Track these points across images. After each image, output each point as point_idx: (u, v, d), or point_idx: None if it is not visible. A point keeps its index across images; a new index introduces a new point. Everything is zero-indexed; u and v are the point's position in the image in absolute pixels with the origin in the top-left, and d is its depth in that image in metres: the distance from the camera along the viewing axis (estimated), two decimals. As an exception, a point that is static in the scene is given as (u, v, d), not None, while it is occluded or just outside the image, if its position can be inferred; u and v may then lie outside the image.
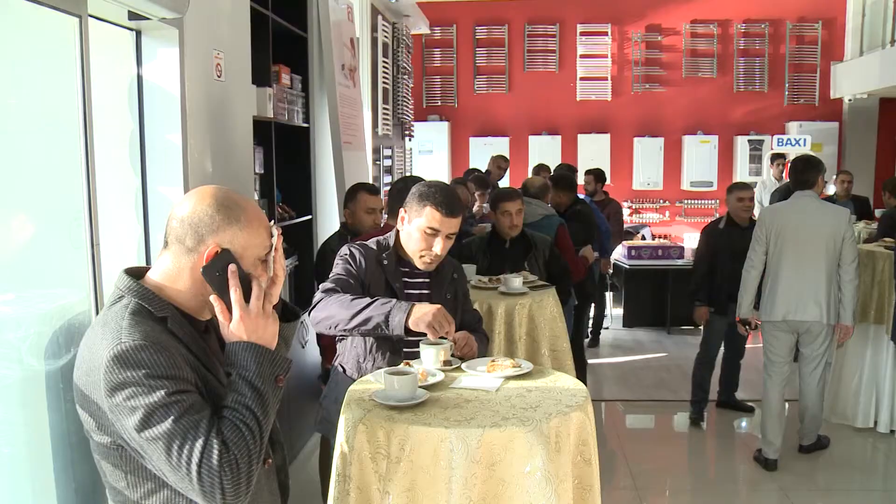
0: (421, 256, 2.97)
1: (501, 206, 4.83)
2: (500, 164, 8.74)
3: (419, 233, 2.93)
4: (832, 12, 12.96)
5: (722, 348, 6.14)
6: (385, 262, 3.01)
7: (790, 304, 4.96)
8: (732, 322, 5.59)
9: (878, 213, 8.45)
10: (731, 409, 6.37)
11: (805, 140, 11.08)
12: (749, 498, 4.97)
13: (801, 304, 4.93)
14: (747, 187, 6.04)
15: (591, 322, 8.15)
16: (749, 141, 12.75)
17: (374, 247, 3.05)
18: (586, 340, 7.73)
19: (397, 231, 3.06)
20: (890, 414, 5.72)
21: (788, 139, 11.33)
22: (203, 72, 3.48)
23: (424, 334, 2.71)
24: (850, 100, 12.93)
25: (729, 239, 5.79)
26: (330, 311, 2.83)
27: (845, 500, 4.89)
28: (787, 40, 12.97)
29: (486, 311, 3.93)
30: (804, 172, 5.12)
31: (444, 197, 2.91)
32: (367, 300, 2.80)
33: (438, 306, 2.73)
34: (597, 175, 8.35)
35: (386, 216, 4.34)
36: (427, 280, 3.07)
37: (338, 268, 3.02)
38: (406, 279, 3.04)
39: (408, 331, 2.72)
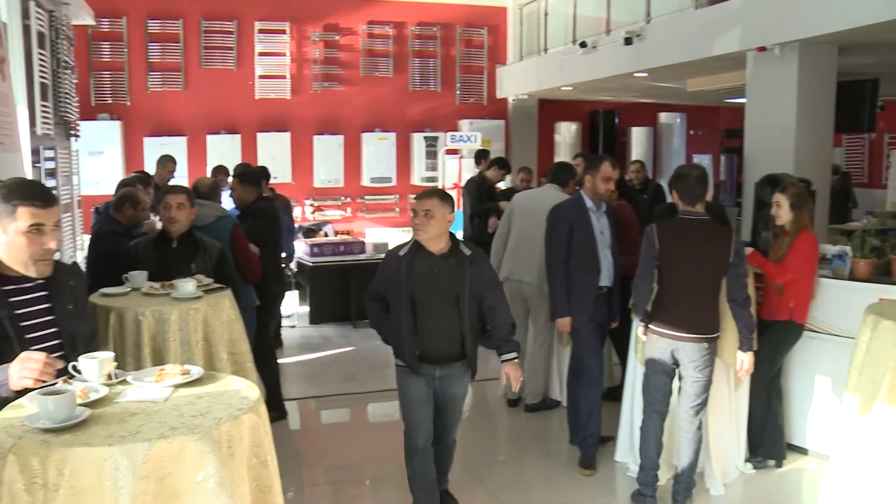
0: (37, 261, 2.66)
1: (164, 200, 4.68)
2: (165, 164, 8.37)
3: (23, 237, 2.61)
4: (495, 20, 14.00)
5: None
6: None
7: None
8: None
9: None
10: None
11: (476, 136, 11.82)
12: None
13: None
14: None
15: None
16: (425, 138, 13.40)
17: None
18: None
19: None
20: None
21: (461, 136, 12.02)
22: None
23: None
24: (513, 100, 14.08)
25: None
26: None
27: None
28: (458, 43, 13.79)
29: (158, 318, 3.76)
30: (564, 174, 6.03)
31: (30, 190, 2.66)
32: None
33: (28, 355, 2.44)
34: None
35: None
36: (45, 293, 2.74)
37: None
38: (14, 299, 2.65)
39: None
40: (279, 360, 6.75)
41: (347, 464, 5.42)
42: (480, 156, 10.06)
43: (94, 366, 2.54)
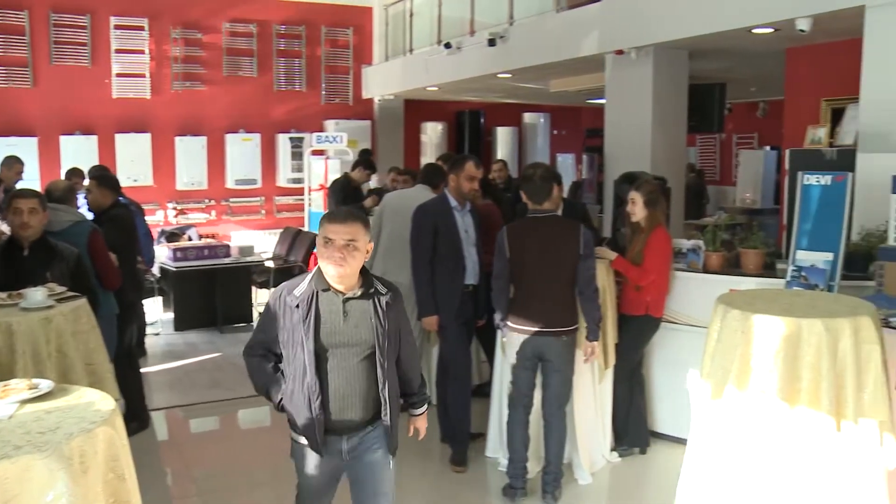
0: None
1: (13, 204, 4.40)
2: (12, 164, 7.91)
3: None
4: (361, 20, 13.96)
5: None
6: None
7: None
8: None
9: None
10: None
11: (342, 137, 11.74)
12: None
13: None
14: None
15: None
16: (290, 138, 13.23)
17: None
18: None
19: None
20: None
21: (327, 136, 11.91)
22: None
23: None
24: (379, 100, 14.07)
25: None
26: None
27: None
28: (323, 43, 13.67)
29: (6, 329, 3.53)
30: (434, 176, 5.93)
31: None
32: None
33: None
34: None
35: None
36: None
37: None
38: None
39: None
40: (143, 369, 6.51)
41: (218, 473, 5.28)
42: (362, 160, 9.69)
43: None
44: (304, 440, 3.09)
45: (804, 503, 3.19)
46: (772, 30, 6.98)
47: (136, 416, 5.71)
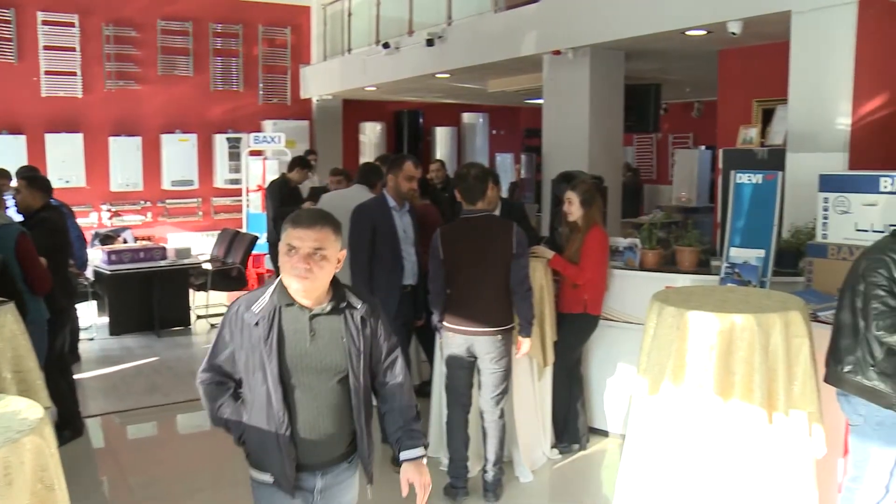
0: None
1: None
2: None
3: None
4: (299, 19, 13.84)
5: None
6: None
7: None
8: None
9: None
10: None
11: (280, 138, 11.64)
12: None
13: None
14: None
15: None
16: (228, 139, 13.06)
17: None
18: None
19: None
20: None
21: (265, 137, 11.79)
22: None
23: None
24: (317, 100, 13.99)
25: None
26: None
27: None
28: (260, 43, 13.52)
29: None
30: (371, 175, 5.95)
31: None
32: None
33: None
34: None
35: None
36: None
37: None
38: None
39: None
40: (77, 376, 6.36)
41: (156, 479, 5.18)
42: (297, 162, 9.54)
43: None
44: (268, 478, 2.66)
45: (739, 493, 3.27)
46: (704, 32, 7.11)
47: (68, 424, 5.57)
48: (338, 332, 2.62)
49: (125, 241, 10.03)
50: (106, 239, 9.89)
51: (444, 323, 4.55)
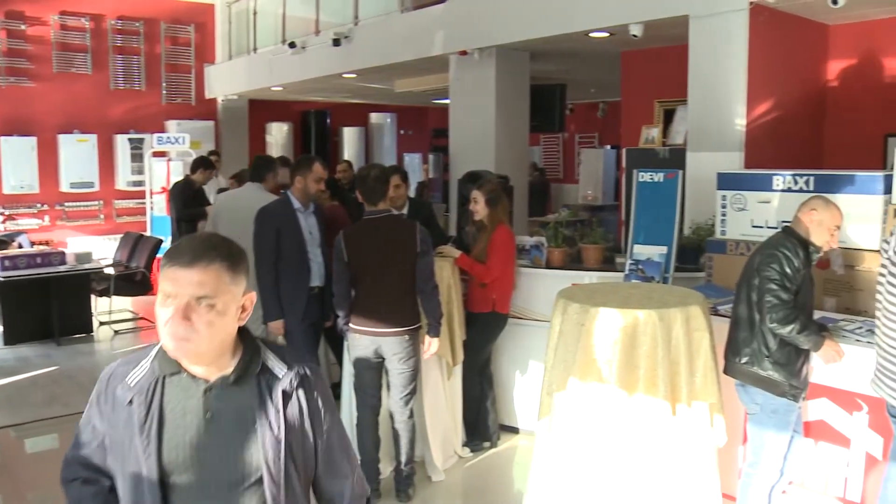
0: None
1: None
2: None
3: None
4: (203, 17, 13.57)
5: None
6: None
7: None
8: None
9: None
10: None
11: (184, 138, 11.36)
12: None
13: None
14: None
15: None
16: (130, 139, 12.69)
17: None
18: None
19: None
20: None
21: (168, 137, 11.50)
22: None
23: None
24: (222, 100, 13.75)
25: None
26: None
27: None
28: (163, 41, 13.20)
29: None
30: (262, 169, 5.95)
31: None
32: None
33: None
34: None
35: None
36: None
37: None
38: None
39: None
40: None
41: (55, 495, 4.92)
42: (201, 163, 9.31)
43: None
44: None
45: (645, 482, 3.36)
46: (607, 34, 7.27)
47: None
48: (248, 415, 1.78)
49: (20, 246, 9.64)
50: (-1, 244, 9.50)
51: (351, 324, 4.53)
